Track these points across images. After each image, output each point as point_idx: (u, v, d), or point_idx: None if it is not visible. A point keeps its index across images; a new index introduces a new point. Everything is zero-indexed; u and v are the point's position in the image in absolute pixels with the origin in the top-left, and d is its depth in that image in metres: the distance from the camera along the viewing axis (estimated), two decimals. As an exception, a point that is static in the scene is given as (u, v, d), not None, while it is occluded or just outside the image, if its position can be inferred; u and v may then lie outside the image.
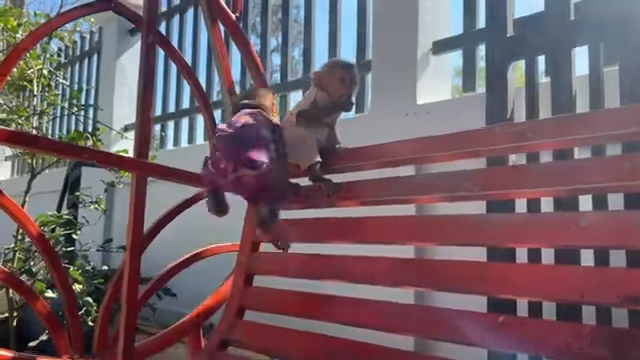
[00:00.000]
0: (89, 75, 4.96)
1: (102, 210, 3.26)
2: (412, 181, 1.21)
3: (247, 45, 1.67)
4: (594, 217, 0.88)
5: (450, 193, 1.08)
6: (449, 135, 1.16)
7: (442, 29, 2.38)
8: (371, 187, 1.26)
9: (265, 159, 1.17)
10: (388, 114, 2.34)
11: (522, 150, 1.27)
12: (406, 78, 2.31)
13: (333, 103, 1.43)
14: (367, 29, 2.68)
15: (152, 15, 1.34)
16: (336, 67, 1.45)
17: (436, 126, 2.17)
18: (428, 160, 1.21)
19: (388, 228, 1.18)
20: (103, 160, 1.23)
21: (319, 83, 1.45)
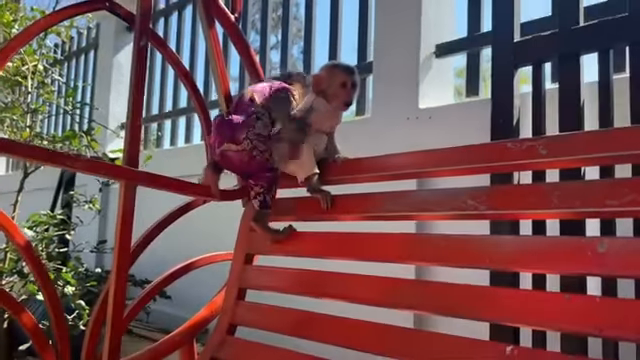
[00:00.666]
0: (86, 72, 4.90)
1: (96, 210, 3.20)
2: (414, 197, 1.15)
3: (246, 48, 1.60)
4: (614, 243, 0.81)
5: (453, 211, 1.02)
6: (455, 148, 1.10)
7: (446, 32, 2.32)
8: (371, 201, 1.20)
9: (246, 135, 1.34)
10: (389, 118, 2.28)
11: (534, 168, 1.20)
12: (408, 81, 2.25)
13: (331, 110, 1.37)
14: (369, 30, 2.62)
15: (145, 16, 1.27)
16: (336, 70, 1.39)
17: (438, 131, 2.15)
18: (432, 174, 1.15)
19: (387, 245, 1.12)
20: (90, 168, 1.17)
21: (317, 87, 1.39)
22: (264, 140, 1.38)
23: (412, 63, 2.25)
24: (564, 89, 1.58)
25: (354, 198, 1.24)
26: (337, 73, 1.38)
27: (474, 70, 2.20)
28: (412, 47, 2.26)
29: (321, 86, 1.38)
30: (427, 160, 1.15)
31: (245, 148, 1.37)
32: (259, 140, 1.38)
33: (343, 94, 1.36)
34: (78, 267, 2.90)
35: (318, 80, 1.39)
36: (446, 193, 1.06)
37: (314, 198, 1.33)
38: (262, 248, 1.39)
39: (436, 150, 1.13)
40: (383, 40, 2.40)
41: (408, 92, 2.24)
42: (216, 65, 1.44)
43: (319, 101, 1.38)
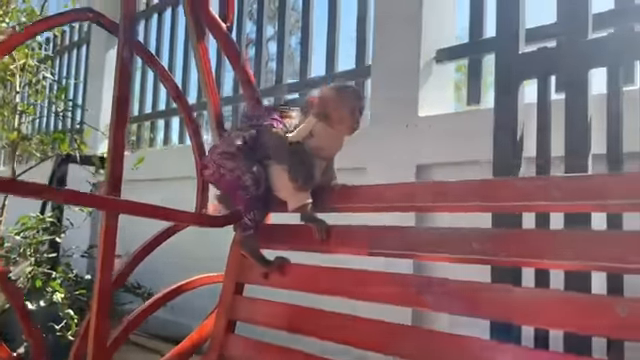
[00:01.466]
0: (78, 67, 4.80)
1: (87, 212, 3.12)
2: (416, 234, 1.07)
3: (239, 59, 1.52)
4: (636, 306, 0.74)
5: (458, 254, 0.95)
6: (459, 183, 1.02)
7: (446, 37, 2.24)
8: (368, 235, 1.12)
9: (209, 156, 1.33)
10: (387, 124, 2.20)
11: (544, 210, 1.12)
12: (407, 87, 2.17)
13: (334, 135, 1.29)
14: (367, 33, 2.53)
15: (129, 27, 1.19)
16: (346, 95, 1.30)
17: (438, 141, 2.07)
18: (432, 209, 1.07)
19: (384, 286, 1.05)
20: (71, 198, 1.11)
21: (321, 110, 1.29)
22: (231, 157, 1.32)
23: (412, 68, 2.17)
24: (571, 105, 1.50)
25: (351, 231, 1.17)
26: (346, 98, 1.29)
27: (476, 78, 2.12)
28: (412, 51, 2.18)
29: (326, 109, 1.29)
30: (427, 192, 1.07)
31: (212, 170, 1.34)
32: (224, 158, 1.33)
33: (350, 119, 1.28)
34: (68, 273, 2.83)
35: (323, 102, 1.30)
36: (450, 233, 0.98)
37: (308, 227, 1.26)
38: (253, 277, 1.32)
39: (438, 183, 1.06)
40: (382, 42, 2.31)
41: (408, 98, 2.16)
42: (206, 82, 1.36)
43: (320, 127, 1.29)
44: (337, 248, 1.20)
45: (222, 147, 1.37)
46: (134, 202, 1.20)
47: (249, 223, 1.31)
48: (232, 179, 1.31)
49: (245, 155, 1.32)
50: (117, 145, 1.16)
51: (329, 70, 2.69)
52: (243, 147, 1.33)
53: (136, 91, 4.13)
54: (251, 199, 1.30)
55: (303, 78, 2.83)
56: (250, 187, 1.30)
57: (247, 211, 1.31)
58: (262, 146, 1.32)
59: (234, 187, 1.32)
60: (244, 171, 1.31)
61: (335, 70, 2.68)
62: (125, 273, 1.35)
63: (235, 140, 1.34)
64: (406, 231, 1.06)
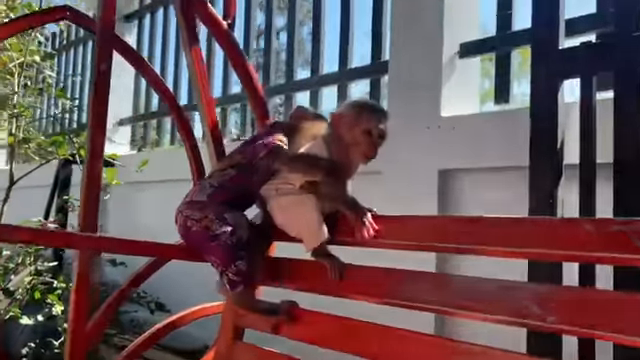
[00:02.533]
0: (84, 63, 4.65)
1: (92, 216, 2.98)
2: (450, 283, 0.86)
3: (241, 58, 1.35)
4: None
5: (507, 316, 0.73)
6: (504, 219, 0.80)
7: (470, 29, 2.04)
8: (390, 280, 0.92)
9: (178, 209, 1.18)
10: (406, 127, 2.01)
11: (620, 263, 0.89)
12: (428, 85, 1.99)
13: (347, 162, 1.11)
14: (384, 25, 2.34)
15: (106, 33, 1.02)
16: (364, 113, 1.11)
17: (462, 144, 1.89)
18: (467, 251, 0.86)
19: (406, 347, 0.85)
20: (47, 240, 0.95)
21: (335, 130, 1.11)
22: (200, 207, 1.17)
23: (433, 64, 1.99)
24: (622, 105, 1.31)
25: (370, 272, 0.98)
26: (363, 116, 1.10)
27: (504, 74, 1.93)
28: (433, 46, 1.99)
29: (340, 129, 1.11)
30: (462, 229, 0.86)
31: (180, 222, 1.19)
32: (191, 209, 1.18)
33: (365, 144, 1.09)
34: (69, 283, 2.69)
35: (338, 121, 1.12)
36: (498, 288, 0.78)
37: (320, 264, 1.07)
38: (253, 322, 1.15)
39: (476, 218, 0.85)
40: (400, 36, 2.12)
41: (428, 98, 1.98)
42: (200, 89, 1.19)
43: (331, 153, 1.11)
44: (352, 292, 1.01)
45: (192, 195, 1.22)
46: (114, 238, 1.04)
47: (235, 278, 1.12)
48: (200, 230, 1.15)
49: (220, 201, 1.17)
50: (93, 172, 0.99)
51: (342, 66, 2.51)
52: (217, 192, 1.18)
53: (142, 87, 3.98)
54: (228, 249, 1.12)
55: (314, 74, 2.65)
56: (221, 235, 1.13)
57: (227, 264, 1.12)
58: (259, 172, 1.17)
59: (203, 239, 1.15)
60: (212, 219, 1.14)
61: (349, 66, 2.49)
62: (102, 322, 1.17)
63: (207, 186, 1.20)
64: (438, 279, 0.86)
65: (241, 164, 1.21)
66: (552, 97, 1.43)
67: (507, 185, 1.74)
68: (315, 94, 2.64)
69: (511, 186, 1.72)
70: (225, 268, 1.12)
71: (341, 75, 2.50)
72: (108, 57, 1.03)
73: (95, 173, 1.01)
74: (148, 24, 3.97)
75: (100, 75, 1.01)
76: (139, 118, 3.96)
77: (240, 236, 1.13)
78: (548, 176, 1.40)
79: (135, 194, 3.45)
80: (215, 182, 1.20)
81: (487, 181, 1.81)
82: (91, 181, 1.01)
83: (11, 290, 2.52)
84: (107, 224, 3.76)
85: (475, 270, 1.73)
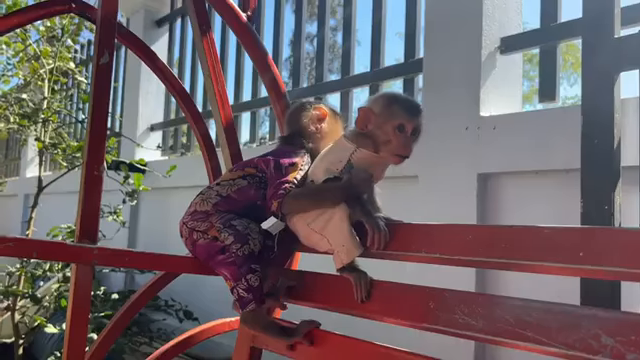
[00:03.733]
0: (117, 70, 4.67)
1: (121, 223, 2.95)
2: (502, 305, 0.70)
3: (261, 52, 1.25)
4: None
5: (570, 350, 0.57)
6: (567, 230, 0.66)
7: (512, 22, 1.90)
8: (428, 300, 0.79)
9: (182, 221, 1.12)
10: (443, 128, 1.89)
11: None
12: (467, 83, 1.85)
13: (377, 162, 1.00)
14: (418, 18, 2.21)
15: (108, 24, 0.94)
16: (394, 107, 0.98)
17: (504, 146, 1.74)
18: (513, 267, 0.72)
19: None
20: (43, 254, 0.87)
21: (362, 126, 1.00)
22: (204, 217, 1.08)
23: (472, 61, 1.85)
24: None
25: (402, 290, 0.84)
26: (394, 111, 0.98)
27: (550, 70, 1.77)
28: (471, 41, 1.86)
29: (368, 125, 1.00)
30: (505, 237, 0.71)
31: (185, 236, 1.11)
32: (196, 219, 1.09)
33: (397, 142, 0.97)
34: (96, 290, 2.66)
35: (365, 116, 1.00)
36: (556, 312, 0.63)
37: (344, 279, 0.95)
38: (269, 342, 1.03)
39: (520, 227, 0.71)
40: (435, 32, 2.00)
41: (467, 96, 1.84)
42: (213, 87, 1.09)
43: (360, 154, 0.99)
44: (380, 314, 0.88)
45: (195, 204, 1.12)
46: (111, 249, 0.95)
47: (245, 295, 1.01)
48: (207, 242, 1.06)
49: (226, 210, 1.08)
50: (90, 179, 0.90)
51: (374, 65, 2.39)
52: (223, 201, 1.09)
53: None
54: (239, 262, 1.02)
55: (345, 75, 2.53)
56: (231, 246, 1.02)
57: (238, 279, 1.02)
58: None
59: (211, 252, 1.06)
60: (220, 228, 1.04)
61: (381, 65, 2.37)
62: (104, 345, 1.07)
63: (212, 195, 1.10)
64: (484, 300, 0.71)
65: (253, 176, 1.11)
66: (607, 92, 1.28)
67: (555, 190, 1.60)
68: (346, 96, 2.53)
69: (560, 191, 1.57)
70: (235, 283, 1.01)
71: (372, 75, 2.38)
72: (110, 49, 0.95)
73: (94, 178, 0.92)
74: (179, 28, 3.94)
75: (100, 70, 0.93)
76: (170, 123, 3.93)
77: (252, 247, 1.03)
78: (603, 179, 1.26)
79: (166, 199, 3.42)
80: (223, 191, 1.10)
81: (532, 185, 1.67)
82: (90, 187, 0.92)
83: (39, 297, 2.49)
84: (137, 230, 3.74)
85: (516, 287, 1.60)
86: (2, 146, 6.76)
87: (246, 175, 1.11)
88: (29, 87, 3.35)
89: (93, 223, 0.93)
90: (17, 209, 5.80)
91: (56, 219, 3.54)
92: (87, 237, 0.92)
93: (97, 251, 0.92)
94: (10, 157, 6.65)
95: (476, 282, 1.63)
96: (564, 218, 1.47)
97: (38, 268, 2.57)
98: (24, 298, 2.51)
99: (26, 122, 2.84)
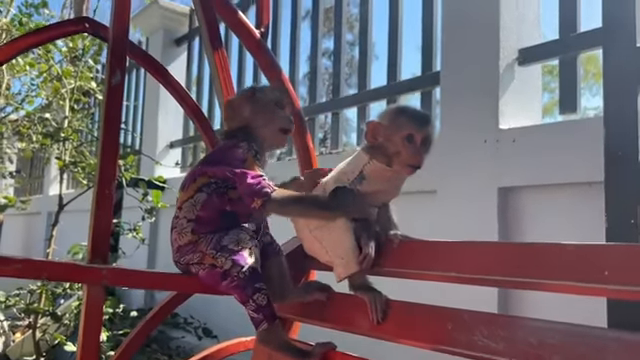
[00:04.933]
0: (137, 88, 4.74)
1: (140, 240, 2.96)
2: (517, 328, 0.67)
3: (275, 69, 1.24)
4: None
5: None
6: (585, 247, 0.62)
7: (530, 33, 1.87)
8: (440, 321, 0.76)
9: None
10: (462, 139, 1.86)
11: None
12: (485, 95, 1.83)
13: (390, 175, 0.98)
14: (434, 33, 2.20)
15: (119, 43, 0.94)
16: (401, 118, 0.98)
17: (525, 159, 1.70)
18: (535, 286, 0.68)
19: None
20: (53, 275, 0.86)
21: (372, 140, 0.99)
22: (192, 248, 1.04)
23: (490, 73, 1.83)
24: None
25: (419, 310, 0.81)
26: (401, 122, 0.97)
27: (570, 81, 1.74)
28: (489, 53, 1.83)
29: (377, 138, 0.99)
30: (533, 256, 0.68)
31: (187, 273, 1.06)
32: (185, 254, 1.05)
33: (407, 152, 0.96)
34: (115, 308, 2.66)
35: (373, 129, 0.99)
36: (585, 336, 0.58)
37: (358, 299, 0.92)
38: None
39: (550, 245, 0.67)
40: (453, 44, 1.98)
41: (485, 109, 1.82)
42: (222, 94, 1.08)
43: (372, 165, 0.98)
44: (397, 336, 0.84)
45: (176, 241, 1.07)
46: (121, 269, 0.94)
47: (255, 315, 0.99)
48: (207, 272, 1.03)
49: (208, 231, 1.04)
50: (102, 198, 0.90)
51: (391, 79, 2.37)
52: (198, 224, 1.04)
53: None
54: (243, 284, 1.00)
55: (362, 90, 2.52)
56: (231, 270, 0.99)
57: (245, 300, 0.99)
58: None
59: (215, 280, 1.03)
60: (214, 254, 1.01)
61: (398, 79, 2.36)
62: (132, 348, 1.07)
63: (184, 224, 1.05)
64: (511, 323, 0.69)
65: (208, 184, 1.06)
66: (630, 102, 1.25)
67: (577, 203, 1.55)
68: (363, 110, 2.52)
69: (582, 204, 1.53)
70: (244, 305, 1.00)
71: (390, 89, 2.37)
72: (121, 68, 0.95)
73: (105, 197, 0.92)
74: (197, 46, 3.99)
75: (112, 90, 0.93)
76: (189, 140, 3.96)
77: (252, 263, 1.00)
78: (628, 192, 1.22)
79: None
80: (190, 215, 1.05)
81: (554, 199, 1.63)
82: (101, 206, 0.91)
83: (59, 315, 2.51)
84: (157, 247, 3.76)
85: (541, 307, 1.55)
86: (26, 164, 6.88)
87: (202, 186, 1.06)
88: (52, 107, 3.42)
89: (104, 242, 0.93)
90: (41, 227, 5.88)
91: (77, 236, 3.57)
92: (98, 256, 0.92)
93: (106, 271, 0.91)
94: (34, 175, 6.77)
95: (498, 302, 1.59)
96: (588, 232, 1.42)
97: (59, 286, 2.59)
98: (45, 316, 2.53)
99: (48, 141, 2.88)
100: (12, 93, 3.75)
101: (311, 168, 1.30)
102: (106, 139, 0.93)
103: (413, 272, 0.85)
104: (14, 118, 3.82)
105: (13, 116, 3.77)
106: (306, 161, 1.30)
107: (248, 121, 1.10)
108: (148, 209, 2.91)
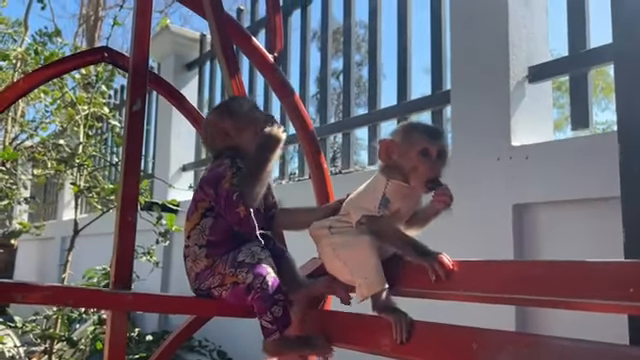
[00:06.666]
0: (149, 113, 4.80)
1: (154, 263, 2.98)
2: (542, 347, 0.65)
3: (288, 92, 1.26)
4: None
5: None
6: (608, 265, 0.62)
7: (539, 50, 1.88)
8: (465, 342, 0.75)
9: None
10: (474, 158, 1.87)
11: None
12: (496, 113, 1.83)
13: (408, 192, 0.99)
14: (443, 51, 2.21)
15: (139, 71, 0.97)
16: (414, 134, 1.00)
17: (539, 175, 1.71)
18: (555, 304, 0.68)
19: None
20: (79, 302, 0.87)
21: (387, 159, 1.01)
22: (210, 272, 1.07)
23: (500, 91, 1.84)
24: None
25: (444, 331, 0.80)
26: (415, 137, 0.99)
27: (581, 97, 1.74)
28: (499, 71, 1.84)
29: (392, 156, 1.00)
30: (554, 274, 0.68)
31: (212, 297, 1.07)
32: (205, 279, 1.07)
33: (424, 167, 0.97)
34: (131, 332, 2.66)
35: (387, 147, 1.01)
36: (611, 354, 0.57)
37: (383, 320, 0.92)
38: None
39: (570, 262, 0.67)
40: (462, 63, 1.99)
41: (497, 127, 1.82)
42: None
43: (393, 186, 0.99)
44: (420, 357, 0.83)
45: (192, 269, 1.09)
46: (145, 295, 0.95)
47: (270, 326, 1.00)
48: (231, 291, 1.04)
49: (221, 253, 1.06)
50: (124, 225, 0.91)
51: (401, 99, 2.39)
52: (211, 248, 1.06)
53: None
54: (265, 296, 1.01)
55: (372, 109, 2.54)
56: (254, 282, 1.00)
57: (264, 312, 1.00)
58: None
59: (240, 297, 1.04)
60: (234, 272, 1.02)
61: (408, 98, 2.37)
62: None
63: (197, 250, 1.07)
64: (527, 341, 0.68)
65: (212, 209, 1.08)
66: (644, 115, 1.25)
67: (594, 219, 1.54)
68: (374, 129, 2.53)
69: (599, 220, 1.52)
70: (261, 316, 1.01)
71: (400, 108, 2.38)
72: (142, 96, 0.97)
73: (128, 224, 0.93)
74: (208, 70, 4.04)
75: (133, 117, 0.95)
76: (201, 163, 3.99)
77: (272, 272, 1.02)
78: (646, 207, 1.21)
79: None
80: (201, 241, 1.07)
81: (570, 215, 1.62)
82: (124, 233, 0.93)
83: (75, 340, 2.51)
84: (170, 270, 3.76)
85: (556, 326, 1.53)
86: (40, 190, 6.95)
87: (205, 212, 1.08)
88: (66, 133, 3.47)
89: (127, 268, 0.94)
90: (55, 252, 5.91)
91: (91, 260, 3.59)
92: (121, 282, 0.93)
93: (132, 297, 0.92)
94: (48, 201, 6.83)
95: (516, 321, 1.57)
96: (606, 248, 1.42)
97: (74, 311, 2.60)
98: (61, 341, 2.53)
99: (62, 167, 2.92)
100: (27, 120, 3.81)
101: (325, 187, 1.31)
102: (128, 166, 0.94)
103: (436, 292, 0.85)
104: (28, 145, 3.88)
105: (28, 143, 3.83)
106: (320, 180, 1.31)
107: (231, 135, 1.12)
108: (162, 232, 2.93)
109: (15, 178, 4.60)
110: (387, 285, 0.94)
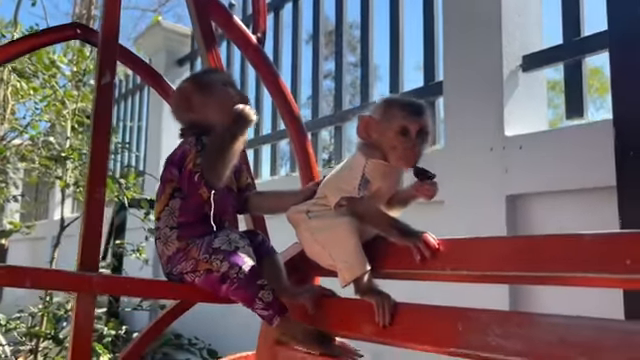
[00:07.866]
0: (140, 109, 4.75)
1: (144, 260, 2.93)
2: (534, 325, 0.62)
3: (273, 74, 1.22)
4: None
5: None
6: (604, 237, 0.58)
7: (533, 39, 1.85)
8: (451, 322, 0.71)
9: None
10: (467, 149, 1.83)
11: None
12: (489, 103, 1.80)
13: (389, 171, 0.94)
14: (436, 43, 2.18)
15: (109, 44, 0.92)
16: (393, 110, 0.93)
17: (532, 165, 1.67)
18: (551, 281, 0.64)
19: None
20: (38, 282, 0.82)
21: (366, 136, 0.95)
22: (183, 256, 1.02)
23: (493, 80, 1.80)
24: None
25: (428, 312, 0.76)
26: (394, 115, 0.93)
27: (576, 85, 1.71)
28: (492, 60, 1.81)
29: (370, 133, 0.95)
30: (548, 249, 0.65)
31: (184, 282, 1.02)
32: (177, 263, 1.03)
33: (403, 147, 0.91)
34: (118, 329, 2.61)
35: (365, 124, 0.95)
36: (611, 330, 0.54)
37: (365, 303, 0.87)
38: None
39: (565, 236, 0.63)
40: (455, 54, 1.96)
41: (490, 117, 1.78)
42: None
43: (372, 165, 0.93)
44: (406, 340, 0.79)
45: (163, 252, 1.05)
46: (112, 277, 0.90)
47: (265, 313, 0.95)
48: (204, 278, 0.98)
49: (195, 235, 1.00)
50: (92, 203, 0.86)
51: (393, 91, 2.35)
52: (182, 230, 1.01)
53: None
54: (244, 284, 0.95)
55: (364, 102, 2.50)
56: (229, 272, 0.94)
57: (252, 302, 0.95)
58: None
59: (214, 285, 0.98)
60: (208, 258, 0.97)
61: (400, 90, 2.33)
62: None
63: (167, 232, 1.02)
64: (516, 319, 0.64)
65: (180, 189, 1.03)
66: (639, 100, 1.21)
67: (589, 209, 1.51)
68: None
69: (594, 210, 1.49)
70: (251, 306, 0.96)
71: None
72: (111, 69, 0.93)
73: (95, 202, 0.88)
74: (200, 66, 4.00)
75: (101, 90, 0.90)
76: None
77: (249, 261, 0.97)
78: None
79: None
80: (171, 222, 1.02)
81: (564, 206, 1.58)
82: (91, 210, 0.88)
83: (61, 338, 2.45)
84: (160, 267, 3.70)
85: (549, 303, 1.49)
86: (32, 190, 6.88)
87: (173, 192, 1.03)
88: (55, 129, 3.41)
89: (94, 249, 0.89)
90: (46, 252, 5.84)
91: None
92: (88, 265, 0.88)
93: (97, 279, 0.87)
94: (39, 200, 6.77)
95: (509, 300, 1.53)
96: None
97: (61, 308, 2.54)
98: (47, 339, 2.48)
99: (51, 163, 2.87)
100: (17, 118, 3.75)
101: (311, 172, 1.27)
102: (96, 140, 0.90)
103: (419, 272, 0.81)
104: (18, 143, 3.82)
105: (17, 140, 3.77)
106: (306, 165, 1.26)
107: (195, 109, 1.07)
108: (151, 229, 2.88)
109: (5, 177, 4.53)
110: (369, 267, 0.89)
